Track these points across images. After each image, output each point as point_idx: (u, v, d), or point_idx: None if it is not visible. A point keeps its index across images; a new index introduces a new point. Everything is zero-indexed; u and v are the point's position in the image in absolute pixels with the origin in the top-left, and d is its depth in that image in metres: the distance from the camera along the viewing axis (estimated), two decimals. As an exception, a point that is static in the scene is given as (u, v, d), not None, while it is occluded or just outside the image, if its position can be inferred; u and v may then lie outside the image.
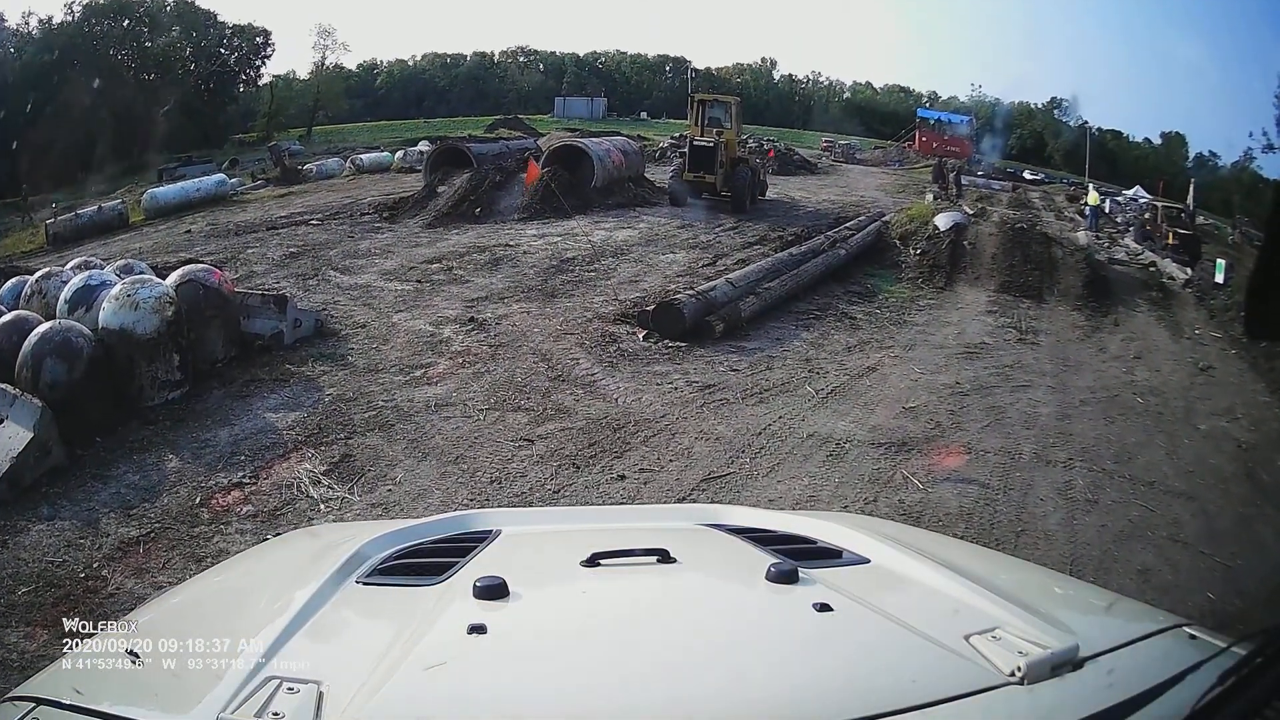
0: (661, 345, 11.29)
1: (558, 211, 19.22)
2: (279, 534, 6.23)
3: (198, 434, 8.34)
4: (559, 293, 13.62)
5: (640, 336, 11.53)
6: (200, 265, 11.04)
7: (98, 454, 7.89)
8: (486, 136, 31.29)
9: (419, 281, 14.22)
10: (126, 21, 37.15)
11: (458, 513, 2.85)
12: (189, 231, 20.28)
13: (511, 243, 17.08)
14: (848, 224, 19.47)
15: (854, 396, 10.01)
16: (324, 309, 12.18)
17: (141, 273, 10.72)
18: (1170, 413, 10.41)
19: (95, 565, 6.18)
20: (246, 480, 7.48)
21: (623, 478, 7.65)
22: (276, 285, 13.46)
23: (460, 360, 10.49)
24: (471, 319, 11.98)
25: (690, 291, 12.62)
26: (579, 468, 7.85)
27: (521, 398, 9.41)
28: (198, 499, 7.13)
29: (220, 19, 40.74)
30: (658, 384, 10.03)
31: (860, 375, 10.79)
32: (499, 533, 2.23)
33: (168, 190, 25.18)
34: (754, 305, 12.84)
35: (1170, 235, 20.95)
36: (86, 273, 10.39)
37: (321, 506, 7.10)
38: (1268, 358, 12.34)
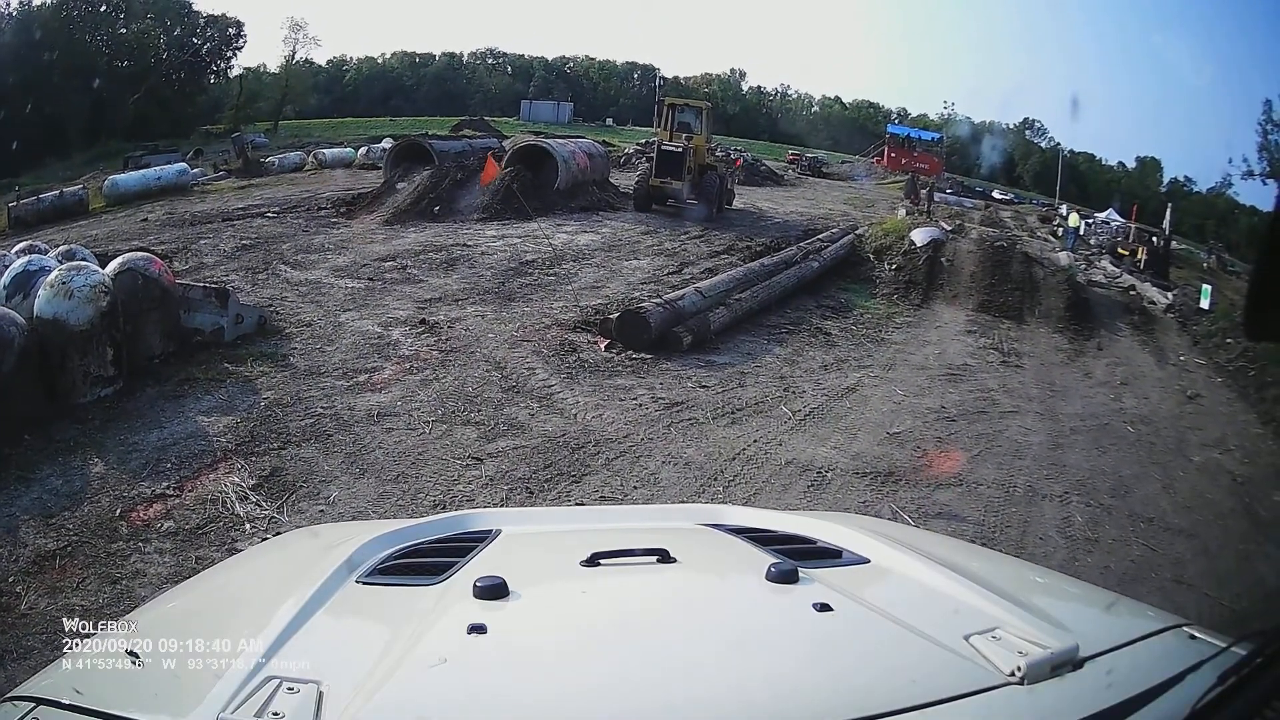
0: (625, 356, 10.63)
1: (519, 213, 18.75)
2: (199, 554, 5.94)
3: (126, 436, 7.69)
4: (516, 296, 13.03)
5: (602, 346, 10.85)
6: (140, 254, 10.32)
7: (24, 453, 7.23)
8: (450, 136, 30.73)
9: (371, 279, 13.66)
10: (103, 7, 36.65)
11: (457, 513, 2.87)
12: (145, 220, 19.91)
13: (469, 243, 16.68)
14: (819, 236, 19.19)
15: (834, 419, 9.42)
16: (270, 305, 11.54)
17: (83, 259, 10.12)
18: (1162, 443, 10.10)
19: (11, 579, 5.63)
20: (170, 492, 6.81)
21: (581, 505, 6.91)
22: (225, 278, 12.94)
23: (408, 366, 9.83)
24: (423, 321, 11.33)
25: (657, 300, 11.97)
26: (533, 493, 7.15)
27: (472, 410, 8.71)
28: (118, 510, 6.50)
29: (194, 8, 40.64)
30: (620, 399, 9.35)
31: (839, 396, 10.22)
32: (499, 533, 2.22)
33: (129, 178, 25.07)
34: (724, 317, 12.22)
35: (1139, 252, 21.15)
36: (27, 258, 9.83)
37: (246, 526, 6.41)
38: (1258, 388, 12.31)
